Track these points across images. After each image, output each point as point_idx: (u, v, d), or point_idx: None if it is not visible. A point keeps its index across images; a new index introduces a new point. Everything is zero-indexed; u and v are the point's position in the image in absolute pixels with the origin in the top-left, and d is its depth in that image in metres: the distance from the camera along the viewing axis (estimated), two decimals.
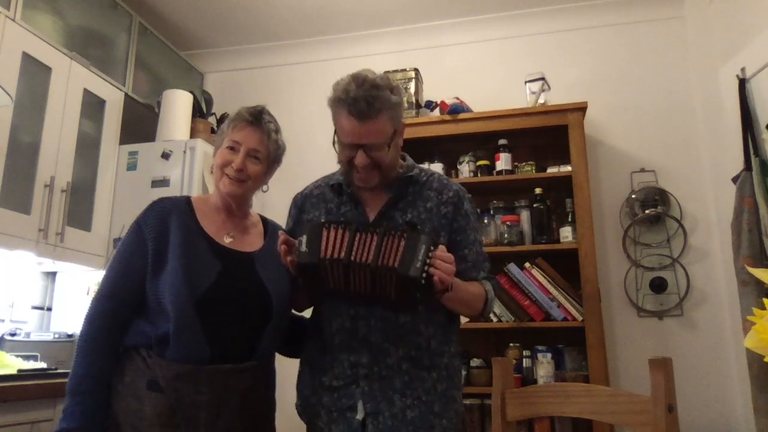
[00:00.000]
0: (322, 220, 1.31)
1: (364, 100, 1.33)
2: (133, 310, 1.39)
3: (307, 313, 1.62)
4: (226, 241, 1.48)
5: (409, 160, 1.56)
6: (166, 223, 1.41)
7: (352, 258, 1.23)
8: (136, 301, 1.38)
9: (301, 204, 1.59)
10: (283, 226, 1.65)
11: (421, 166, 1.59)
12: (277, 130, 1.55)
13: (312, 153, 3.38)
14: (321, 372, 1.42)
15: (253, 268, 1.46)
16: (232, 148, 1.47)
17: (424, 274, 1.19)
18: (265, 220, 1.64)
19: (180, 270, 1.35)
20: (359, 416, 1.34)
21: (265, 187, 1.57)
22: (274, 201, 3.29)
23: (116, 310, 1.38)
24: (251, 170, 1.47)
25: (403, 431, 1.32)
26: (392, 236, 1.24)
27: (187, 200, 1.51)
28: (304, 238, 1.26)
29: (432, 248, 1.22)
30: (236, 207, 1.52)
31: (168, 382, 1.31)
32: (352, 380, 1.37)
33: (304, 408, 1.47)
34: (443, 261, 1.23)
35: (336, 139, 1.43)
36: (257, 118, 1.50)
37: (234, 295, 1.40)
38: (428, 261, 1.20)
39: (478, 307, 1.45)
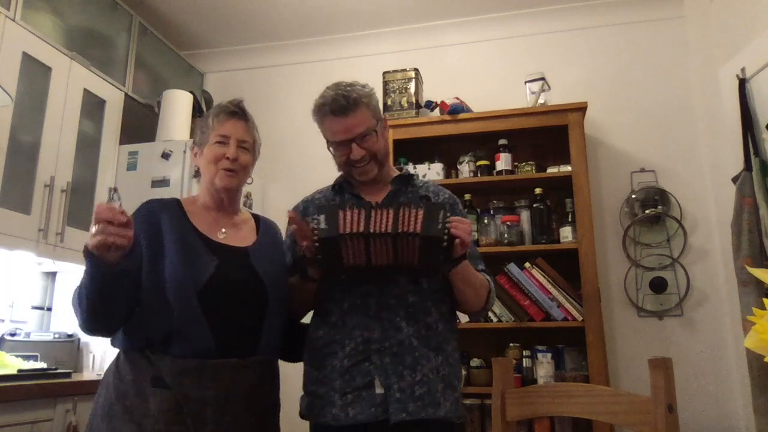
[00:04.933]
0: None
1: (341, 97, 1.48)
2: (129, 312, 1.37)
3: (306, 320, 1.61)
4: (220, 237, 1.49)
5: (405, 168, 1.69)
6: (158, 221, 1.42)
7: (372, 229, 1.28)
8: (131, 300, 1.36)
9: (303, 209, 1.62)
10: (282, 225, 1.66)
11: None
12: (253, 121, 1.60)
13: (311, 152, 3.38)
14: (331, 356, 1.42)
15: (249, 261, 1.47)
16: (221, 143, 1.48)
17: (446, 235, 1.26)
18: (256, 217, 1.65)
19: (179, 264, 1.35)
20: (379, 390, 1.37)
21: (249, 180, 1.58)
22: (274, 200, 3.31)
23: None
24: (243, 160, 1.50)
25: (410, 406, 1.35)
26: (408, 208, 1.30)
27: (177, 201, 1.52)
28: (321, 217, 1.30)
29: (448, 214, 1.30)
30: (228, 202, 1.54)
31: (174, 378, 1.30)
32: (365, 357, 1.39)
33: (312, 406, 1.45)
34: (461, 223, 1.31)
35: (329, 144, 1.55)
36: (241, 110, 1.54)
37: (233, 287, 1.40)
38: (447, 224, 1.28)
39: (483, 295, 1.50)
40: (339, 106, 1.47)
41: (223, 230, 1.51)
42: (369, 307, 1.42)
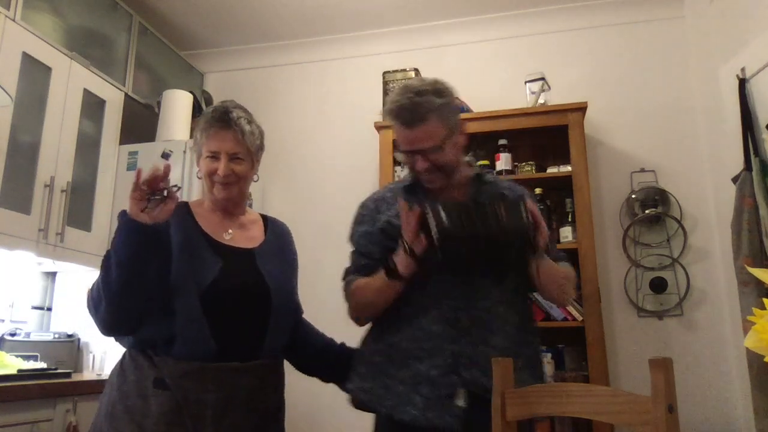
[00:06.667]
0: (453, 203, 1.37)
1: (408, 108, 1.42)
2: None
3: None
4: (226, 238, 1.49)
5: (476, 166, 1.63)
6: (166, 223, 1.41)
7: (478, 230, 1.32)
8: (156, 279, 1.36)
9: (375, 206, 1.59)
10: (293, 228, 1.66)
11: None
12: (250, 121, 1.51)
13: (311, 153, 3.39)
14: (416, 360, 1.41)
15: (254, 263, 1.47)
16: (212, 157, 1.46)
17: (530, 225, 1.32)
18: (265, 217, 1.65)
19: (183, 267, 1.36)
20: (461, 403, 1.37)
21: (255, 177, 1.57)
22: (274, 201, 3.31)
23: None
24: (238, 171, 1.47)
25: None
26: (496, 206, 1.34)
27: (185, 203, 1.53)
28: (442, 213, 1.32)
29: (525, 204, 1.34)
30: (233, 206, 1.54)
31: (175, 380, 1.30)
32: (452, 369, 1.39)
33: (384, 398, 1.43)
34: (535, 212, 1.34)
35: (396, 147, 1.53)
36: (226, 121, 1.46)
37: (236, 290, 1.41)
38: (528, 216, 1.32)
39: (570, 290, 1.51)
40: (405, 118, 1.44)
41: (230, 231, 1.51)
42: (459, 321, 1.41)
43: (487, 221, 1.31)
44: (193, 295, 1.34)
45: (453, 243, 1.32)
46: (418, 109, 1.42)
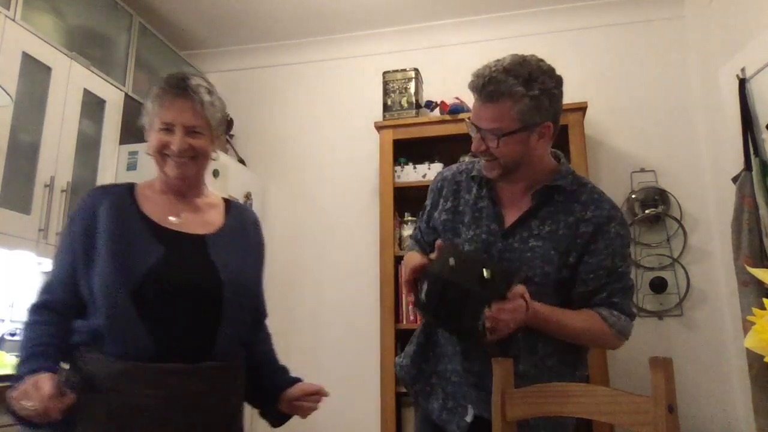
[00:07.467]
0: (439, 273, 1.26)
1: (484, 78, 1.31)
2: (75, 310, 1.25)
3: None
4: (173, 222, 1.31)
5: (566, 166, 1.46)
6: (94, 211, 1.27)
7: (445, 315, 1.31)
8: (73, 299, 1.25)
9: (441, 186, 1.53)
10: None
11: (580, 175, 1.48)
12: (211, 91, 1.34)
13: (311, 152, 3.39)
14: (447, 358, 1.44)
15: (205, 251, 1.30)
16: (166, 129, 1.28)
17: (480, 326, 1.24)
18: (228, 201, 1.47)
19: (110, 257, 1.21)
20: (468, 418, 1.37)
21: (215, 155, 1.37)
22: (274, 201, 3.31)
23: (52, 302, 1.26)
24: (196, 145, 1.30)
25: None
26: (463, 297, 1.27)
27: (130, 186, 1.37)
28: (425, 287, 1.30)
29: (488, 307, 1.22)
30: (188, 187, 1.36)
31: (105, 382, 1.16)
32: (468, 383, 1.39)
33: (417, 378, 1.49)
34: (502, 314, 1.22)
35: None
36: (183, 88, 1.28)
37: (179, 282, 1.24)
38: (482, 318, 1.23)
39: (585, 342, 1.44)
40: (477, 89, 1.32)
41: (181, 215, 1.33)
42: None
43: (454, 309, 1.26)
44: (121, 288, 1.19)
45: (429, 316, 1.40)
46: (488, 86, 1.29)
